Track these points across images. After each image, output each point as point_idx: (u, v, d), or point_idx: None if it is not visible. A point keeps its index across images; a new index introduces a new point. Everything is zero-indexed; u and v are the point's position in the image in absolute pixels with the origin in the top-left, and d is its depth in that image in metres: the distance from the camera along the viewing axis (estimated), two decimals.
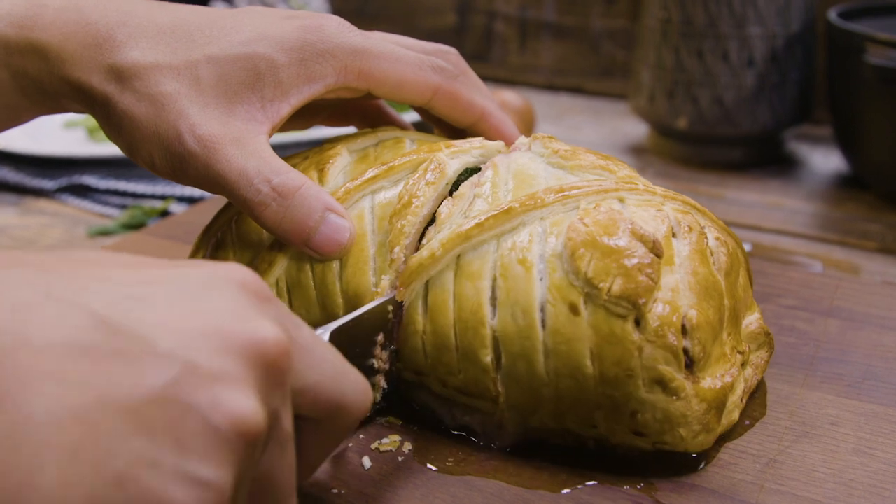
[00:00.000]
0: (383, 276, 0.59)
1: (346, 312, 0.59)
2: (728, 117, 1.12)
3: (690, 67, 1.12)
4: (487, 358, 0.55)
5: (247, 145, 0.58)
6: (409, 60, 0.64)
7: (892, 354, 0.67)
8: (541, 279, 0.54)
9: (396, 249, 0.59)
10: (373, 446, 0.58)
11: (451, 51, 0.68)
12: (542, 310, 0.53)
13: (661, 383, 0.52)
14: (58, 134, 1.30)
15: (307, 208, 0.58)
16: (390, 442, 0.58)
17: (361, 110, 0.74)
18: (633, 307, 0.52)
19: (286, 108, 0.60)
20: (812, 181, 1.13)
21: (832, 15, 1.05)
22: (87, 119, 1.31)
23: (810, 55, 1.14)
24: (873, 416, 0.59)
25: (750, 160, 1.17)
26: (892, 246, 0.94)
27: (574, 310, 0.52)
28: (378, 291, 0.58)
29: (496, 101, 0.70)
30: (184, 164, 0.58)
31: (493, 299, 0.55)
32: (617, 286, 0.52)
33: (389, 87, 0.64)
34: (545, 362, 0.54)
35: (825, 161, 1.19)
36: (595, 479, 0.54)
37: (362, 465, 0.56)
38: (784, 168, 1.17)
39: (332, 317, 0.60)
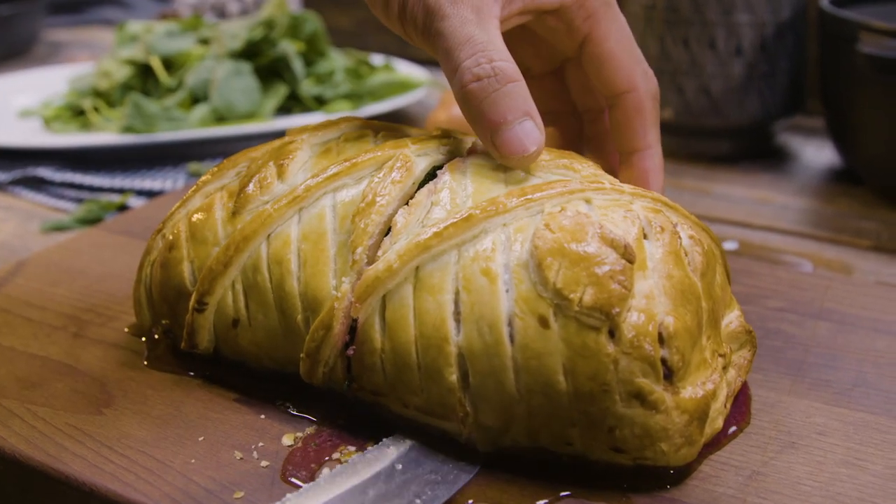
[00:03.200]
0: (344, 279, 0.56)
1: (305, 315, 0.57)
2: (715, 108, 1.10)
3: (676, 56, 1.09)
4: (453, 377, 0.52)
5: (483, 18, 0.59)
6: (633, 45, 0.65)
7: (885, 360, 0.65)
8: (507, 291, 0.52)
9: (359, 250, 0.56)
10: (334, 456, 0.55)
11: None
12: (510, 324, 0.51)
13: (639, 397, 0.50)
14: (12, 124, 1.27)
15: (513, 101, 0.57)
16: (352, 452, 0.55)
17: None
18: (606, 318, 0.50)
19: (518, 5, 0.61)
20: (803, 175, 1.11)
21: (824, 1, 1.03)
22: (42, 108, 1.28)
23: (801, 44, 1.12)
24: (863, 426, 0.58)
25: (738, 153, 1.15)
26: (886, 244, 0.92)
27: (544, 323, 0.50)
28: (338, 295, 0.55)
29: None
30: (414, 12, 0.59)
31: (457, 314, 0.52)
32: (588, 296, 0.50)
33: (603, 49, 0.64)
34: (516, 379, 0.51)
35: (817, 154, 1.18)
36: (569, 491, 0.52)
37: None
38: (774, 161, 1.15)
39: (290, 320, 0.58)
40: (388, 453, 0.54)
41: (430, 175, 0.60)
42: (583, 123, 0.73)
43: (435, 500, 0.51)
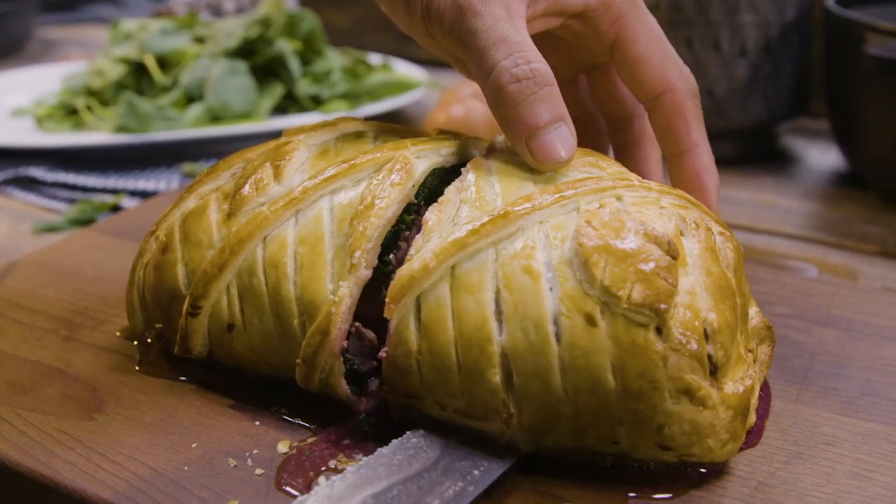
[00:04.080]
0: (341, 283, 0.56)
1: (301, 320, 0.57)
2: (719, 110, 1.09)
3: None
4: (496, 377, 0.52)
5: (514, 16, 0.57)
6: (665, 45, 0.63)
7: (893, 368, 0.64)
8: (551, 289, 0.51)
9: (357, 254, 0.56)
10: (330, 464, 0.54)
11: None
12: (556, 322, 0.51)
13: (688, 393, 0.50)
14: (4, 123, 1.26)
15: (550, 105, 0.56)
16: (349, 461, 0.55)
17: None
18: (654, 314, 0.50)
19: (542, 5, 0.60)
20: (808, 179, 1.10)
21: (830, 2, 1.02)
22: (35, 107, 1.27)
23: (807, 44, 1.11)
24: (871, 436, 0.57)
25: (742, 156, 1.14)
26: (892, 249, 0.91)
27: (591, 321, 0.50)
28: (335, 299, 0.54)
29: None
30: (441, 10, 0.58)
31: (499, 313, 0.52)
32: (637, 293, 0.50)
33: (633, 51, 0.62)
34: (562, 379, 0.51)
35: (822, 157, 1.17)
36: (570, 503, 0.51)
37: (318, 486, 0.53)
38: (778, 164, 1.14)
39: (286, 325, 0.57)
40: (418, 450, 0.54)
41: (432, 177, 0.60)
42: (601, 132, 0.72)
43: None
